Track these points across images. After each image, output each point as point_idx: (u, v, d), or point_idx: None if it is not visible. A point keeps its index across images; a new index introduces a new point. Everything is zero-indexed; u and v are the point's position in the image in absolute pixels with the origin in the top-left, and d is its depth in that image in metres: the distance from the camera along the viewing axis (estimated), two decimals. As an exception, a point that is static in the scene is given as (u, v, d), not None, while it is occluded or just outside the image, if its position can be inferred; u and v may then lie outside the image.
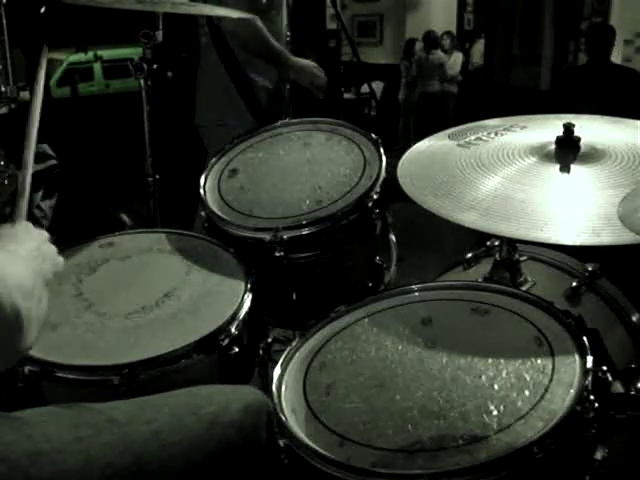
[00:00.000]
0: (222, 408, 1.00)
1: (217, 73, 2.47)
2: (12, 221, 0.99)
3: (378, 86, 7.87)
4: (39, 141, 1.17)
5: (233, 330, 1.22)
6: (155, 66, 2.05)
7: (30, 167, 1.08)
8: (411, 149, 1.42)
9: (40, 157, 3.05)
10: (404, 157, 1.39)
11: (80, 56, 8.13)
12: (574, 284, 1.43)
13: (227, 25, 2.33)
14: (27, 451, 0.84)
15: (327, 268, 1.48)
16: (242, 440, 0.99)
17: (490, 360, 1.03)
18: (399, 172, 1.34)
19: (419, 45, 8.08)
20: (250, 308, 1.27)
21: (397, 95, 8.14)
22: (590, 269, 1.47)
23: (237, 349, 1.21)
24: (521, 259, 1.46)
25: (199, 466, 0.95)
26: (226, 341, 1.20)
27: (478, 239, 1.57)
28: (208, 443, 0.96)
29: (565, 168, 1.25)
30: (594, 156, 1.27)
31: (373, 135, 1.61)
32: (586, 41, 4.16)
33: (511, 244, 1.44)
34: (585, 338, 1.02)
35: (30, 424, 0.89)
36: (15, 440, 0.85)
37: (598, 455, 0.94)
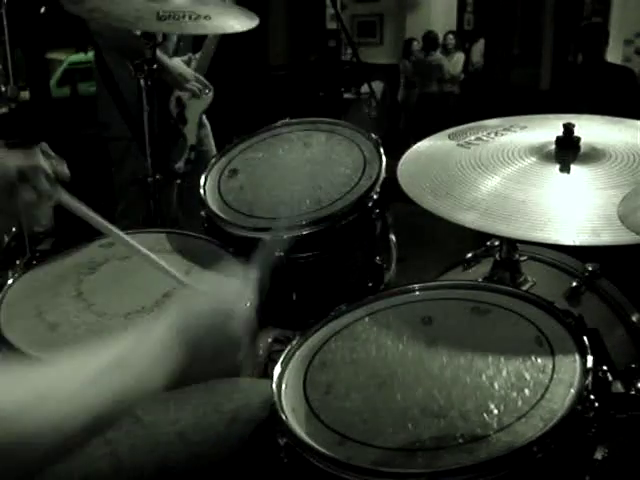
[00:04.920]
0: (243, 404, 1.00)
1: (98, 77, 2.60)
2: None
3: (378, 86, 7.87)
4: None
5: (233, 330, 1.21)
6: (155, 66, 2.06)
7: None
8: (411, 149, 1.42)
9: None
10: (404, 157, 1.39)
11: (80, 56, 8.12)
12: (574, 284, 1.43)
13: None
14: None
15: (327, 268, 1.48)
16: (261, 435, 1.00)
17: (490, 359, 1.03)
18: (399, 172, 1.34)
19: (416, 44, 8.09)
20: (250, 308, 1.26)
21: (397, 95, 8.14)
22: (590, 269, 1.47)
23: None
24: (521, 259, 1.46)
25: (221, 463, 0.96)
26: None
27: (478, 239, 1.57)
28: (229, 440, 0.97)
29: (565, 168, 1.25)
30: (594, 156, 1.27)
31: (373, 135, 1.61)
32: (579, 42, 4.18)
33: (511, 244, 1.44)
34: (585, 338, 1.02)
35: None
36: None
37: (598, 455, 0.94)
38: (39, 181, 1.10)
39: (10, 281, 1.33)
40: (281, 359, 1.12)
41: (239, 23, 1.84)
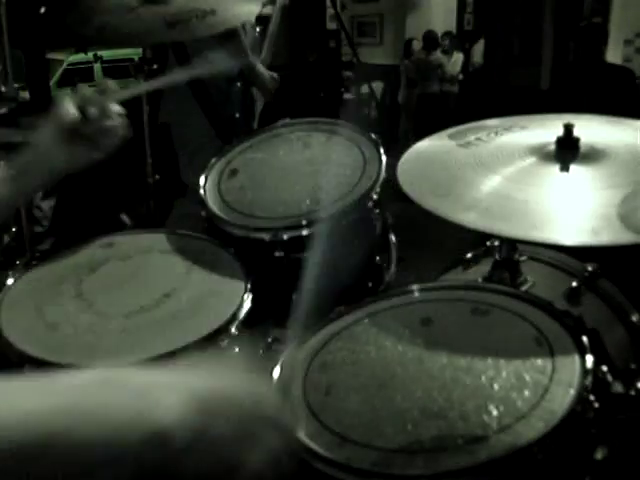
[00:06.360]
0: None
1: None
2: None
3: (378, 86, 7.87)
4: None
5: (233, 330, 1.22)
6: (155, 66, 2.06)
7: None
8: (411, 149, 1.42)
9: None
10: (404, 157, 1.39)
11: (80, 56, 8.13)
12: (574, 284, 1.43)
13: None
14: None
15: (327, 268, 1.48)
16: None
17: (490, 360, 1.03)
18: (399, 172, 1.34)
19: (417, 44, 8.09)
20: (250, 308, 1.27)
21: (397, 95, 8.14)
22: (590, 269, 1.47)
23: (237, 349, 1.21)
24: (521, 259, 1.46)
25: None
26: (226, 341, 1.20)
27: (478, 239, 1.57)
28: None
29: (565, 168, 1.25)
30: (594, 156, 1.27)
31: (373, 135, 1.61)
32: (579, 42, 4.17)
33: (511, 244, 1.44)
34: (585, 338, 1.02)
35: None
36: None
37: (598, 455, 0.94)
38: (96, 99, 1.24)
39: (10, 281, 1.33)
40: (281, 361, 1.12)
41: (244, 11, 1.89)
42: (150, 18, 1.77)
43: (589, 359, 0.97)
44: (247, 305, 1.27)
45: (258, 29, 2.79)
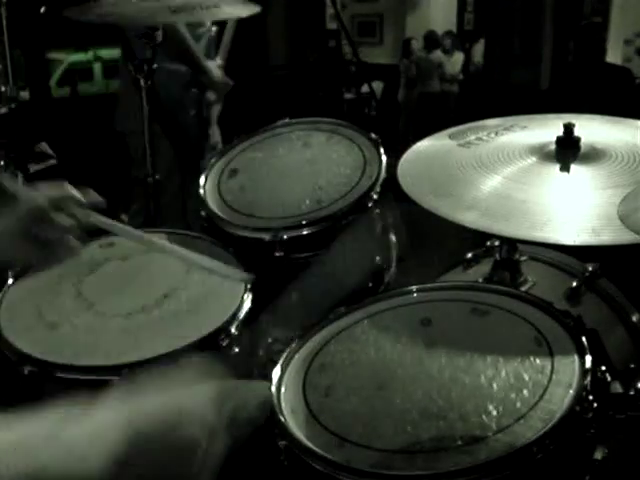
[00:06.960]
0: (241, 405, 1.00)
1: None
2: None
3: (378, 86, 7.87)
4: (38, 140, 1.21)
5: (233, 330, 1.22)
6: (155, 66, 2.06)
7: None
8: (411, 149, 1.42)
9: (40, 157, 3.07)
10: (404, 157, 1.39)
11: (80, 56, 8.13)
12: (574, 284, 1.43)
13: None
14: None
15: (327, 268, 1.48)
16: (257, 436, 0.99)
17: (489, 360, 1.03)
18: (399, 172, 1.34)
19: (416, 44, 8.10)
20: (250, 308, 1.27)
21: (397, 95, 8.15)
22: (590, 269, 1.47)
23: (237, 349, 1.21)
24: (521, 259, 1.46)
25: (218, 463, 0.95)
26: (226, 341, 1.20)
27: (478, 239, 1.57)
28: (226, 440, 0.96)
29: (565, 168, 1.25)
30: (594, 156, 1.27)
31: (373, 135, 1.61)
32: (578, 41, 4.17)
33: (511, 244, 1.44)
34: (584, 338, 1.02)
35: None
36: None
37: (598, 455, 0.94)
38: (72, 208, 1.18)
39: (10, 281, 1.33)
40: (281, 361, 1.12)
41: (244, 9, 1.94)
42: (154, 4, 1.83)
43: (588, 359, 0.97)
44: (247, 305, 1.27)
45: (214, 29, 2.76)
